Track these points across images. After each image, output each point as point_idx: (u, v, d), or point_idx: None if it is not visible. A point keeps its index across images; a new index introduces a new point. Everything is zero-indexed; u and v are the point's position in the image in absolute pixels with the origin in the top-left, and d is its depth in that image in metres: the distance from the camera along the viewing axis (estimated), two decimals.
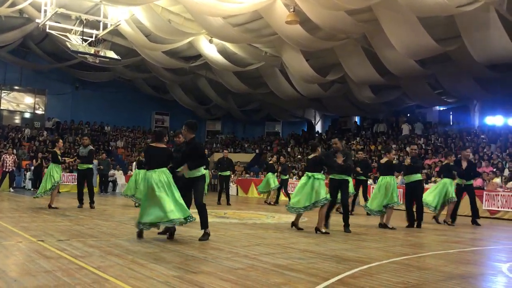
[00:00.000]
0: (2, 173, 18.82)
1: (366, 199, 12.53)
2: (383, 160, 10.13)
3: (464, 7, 13.40)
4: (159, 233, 7.16)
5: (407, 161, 10.35)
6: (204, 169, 7.16)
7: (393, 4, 13.82)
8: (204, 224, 6.88)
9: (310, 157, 8.51)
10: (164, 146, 6.97)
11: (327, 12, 14.38)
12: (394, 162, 10.15)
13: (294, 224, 8.76)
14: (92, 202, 11.69)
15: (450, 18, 14.72)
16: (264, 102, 28.70)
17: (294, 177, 20.42)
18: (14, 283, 3.97)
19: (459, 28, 14.99)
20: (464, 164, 11.10)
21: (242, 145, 30.64)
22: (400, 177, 14.42)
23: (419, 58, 17.03)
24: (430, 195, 11.05)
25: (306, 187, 8.19)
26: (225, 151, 16.21)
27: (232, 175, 19.44)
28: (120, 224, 8.51)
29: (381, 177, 9.79)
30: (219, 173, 15.32)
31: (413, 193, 10.14)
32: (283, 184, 16.77)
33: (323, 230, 8.24)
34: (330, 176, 8.88)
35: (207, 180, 14.21)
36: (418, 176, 10.20)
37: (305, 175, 8.39)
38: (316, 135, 28.85)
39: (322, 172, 8.42)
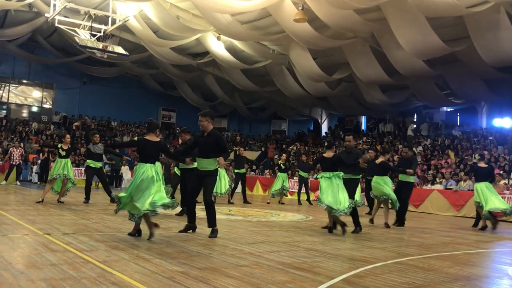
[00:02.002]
0: (9, 166, 18.95)
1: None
2: (378, 161, 10.19)
3: (474, 7, 13.32)
4: (180, 232, 7.12)
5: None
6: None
7: (402, 4, 13.76)
8: (211, 221, 6.83)
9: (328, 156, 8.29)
10: (157, 139, 6.71)
11: (336, 10, 14.33)
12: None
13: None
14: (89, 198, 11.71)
15: (459, 18, 14.63)
16: (270, 100, 28.68)
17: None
18: (20, 275, 3.99)
19: (468, 28, 14.89)
20: None
21: (248, 142, 30.63)
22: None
23: (427, 58, 16.94)
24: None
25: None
26: (240, 148, 15.93)
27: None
28: (126, 219, 8.50)
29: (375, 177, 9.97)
30: (235, 170, 15.19)
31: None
32: (305, 182, 16.49)
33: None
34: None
35: (227, 180, 13.81)
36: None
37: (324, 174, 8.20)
38: (324, 134, 28.84)
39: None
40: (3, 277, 3.91)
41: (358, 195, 10.54)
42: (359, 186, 10.25)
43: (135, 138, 7.76)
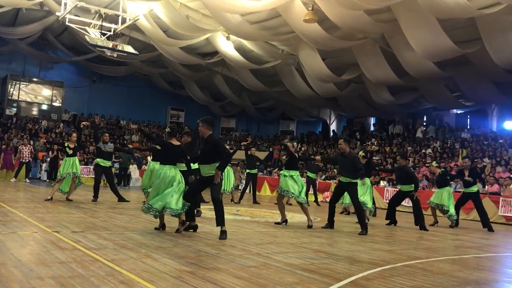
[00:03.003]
0: (19, 164, 19.10)
1: None
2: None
3: (486, 9, 13.20)
4: (184, 230, 7.13)
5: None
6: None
7: (413, 5, 13.67)
8: (220, 221, 6.76)
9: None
10: (178, 143, 7.19)
11: (346, 11, 14.28)
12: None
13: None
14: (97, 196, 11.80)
15: (471, 20, 14.52)
16: (279, 101, 28.65)
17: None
18: (30, 272, 4.01)
19: (480, 30, 14.78)
20: (466, 173, 11.34)
21: (256, 143, 30.60)
22: None
23: (438, 60, 16.82)
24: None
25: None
26: (252, 148, 15.80)
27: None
28: (134, 218, 8.57)
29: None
30: (247, 170, 15.12)
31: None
32: (312, 184, 16.40)
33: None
34: (340, 179, 9.15)
35: (233, 179, 13.82)
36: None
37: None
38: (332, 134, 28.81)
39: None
40: (13, 274, 3.93)
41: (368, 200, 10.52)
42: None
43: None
